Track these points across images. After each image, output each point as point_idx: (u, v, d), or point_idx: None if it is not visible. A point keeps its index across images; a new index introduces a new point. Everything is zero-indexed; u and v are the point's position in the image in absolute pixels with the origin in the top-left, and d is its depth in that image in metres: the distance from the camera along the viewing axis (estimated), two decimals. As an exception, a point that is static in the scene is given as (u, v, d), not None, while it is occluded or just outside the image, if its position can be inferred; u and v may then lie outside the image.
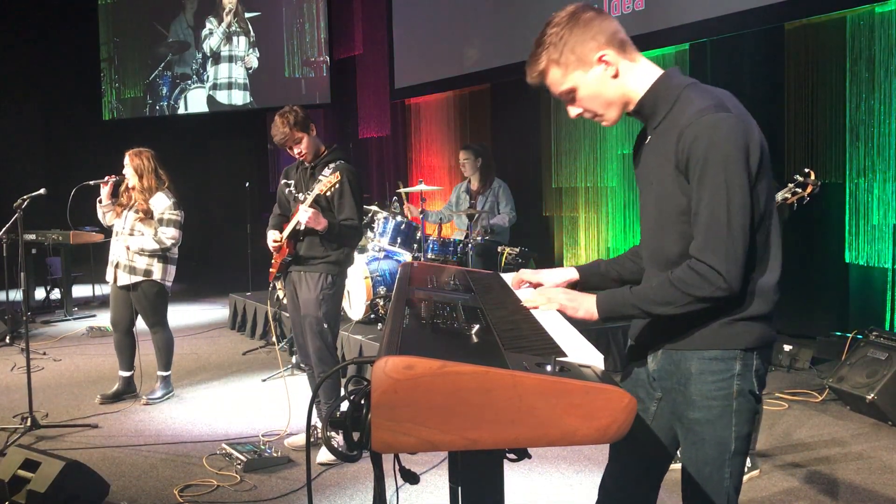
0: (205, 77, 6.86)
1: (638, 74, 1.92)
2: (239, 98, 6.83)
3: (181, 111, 7.14)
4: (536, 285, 2.24)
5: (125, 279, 5.08)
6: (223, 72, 6.82)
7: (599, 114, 1.95)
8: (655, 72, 1.94)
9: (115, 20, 7.33)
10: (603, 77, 1.89)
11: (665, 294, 1.80)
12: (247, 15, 6.37)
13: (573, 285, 2.21)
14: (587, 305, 1.92)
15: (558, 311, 1.98)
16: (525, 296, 2.09)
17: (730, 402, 1.86)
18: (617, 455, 2.11)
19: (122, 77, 7.34)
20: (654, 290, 1.83)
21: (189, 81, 7.05)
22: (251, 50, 6.53)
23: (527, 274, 2.28)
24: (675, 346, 1.91)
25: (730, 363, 1.86)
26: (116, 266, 5.11)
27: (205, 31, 6.85)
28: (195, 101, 6.88)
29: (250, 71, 6.61)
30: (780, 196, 3.45)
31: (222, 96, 6.82)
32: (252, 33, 6.39)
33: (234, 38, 6.62)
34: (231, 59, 6.75)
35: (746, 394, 1.88)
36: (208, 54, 6.93)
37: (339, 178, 3.98)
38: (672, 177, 1.84)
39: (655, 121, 1.92)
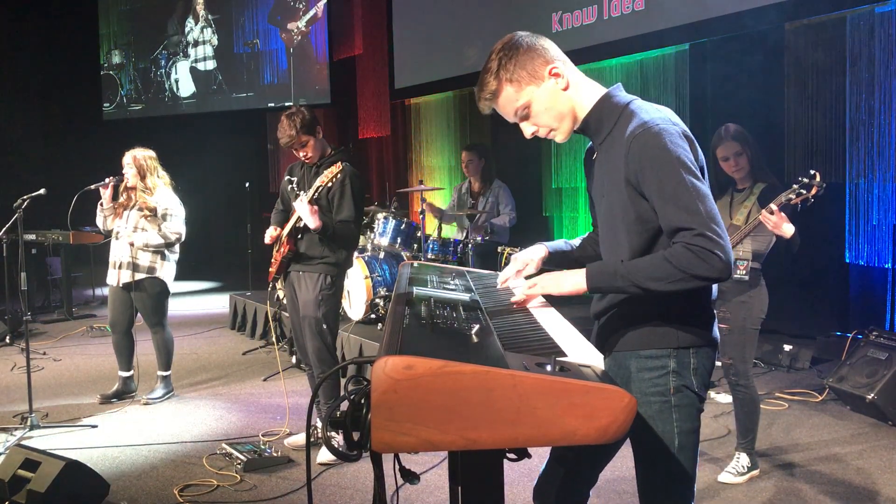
0: (188, 55, 10.82)
1: (584, 91, 2.00)
2: (210, 65, 10.78)
3: (173, 76, 10.95)
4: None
5: (127, 277, 5.07)
6: (200, 52, 10.77)
7: (553, 128, 2.02)
8: (599, 90, 2.02)
9: (134, 17, 11.27)
10: (555, 89, 1.97)
11: (660, 270, 1.82)
12: (210, 16, 10.68)
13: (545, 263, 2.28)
14: (574, 280, 1.97)
15: (545, 295, 2.04)
16: (517, 293, 2.14)
17: (668, 398, 1.94)
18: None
19: (137, 53, 11.30)
20: (649, 266, 1.86)
21: (177, 56, 10.94)
22: (213, 34, 10.56)
23: (505, 272, 2.32)
24: (618, 348, 2.00)
25: (664, 360, 1.94)
26: (119, 267, 5.10)
27: (187, 29, 10.80)
28: (182, 70, 10.89)
29: (214, 47, 10.68)
30: (784, 197, 3.45)
31: (200, 66, 10.79)
32: (213, 25, 10.57)
33: (205, 30, 10.59)
34: (203, 42, 10.69)
35: (685, 390, 1.95)
36: (190, 42, 10.81)
37: (340, 167, 3.98)
38: (621, 189, 1.91)
39: (601, 137, 2.00)
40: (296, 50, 10.40)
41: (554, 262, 2.27)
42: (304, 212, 3.93)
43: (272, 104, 10.83)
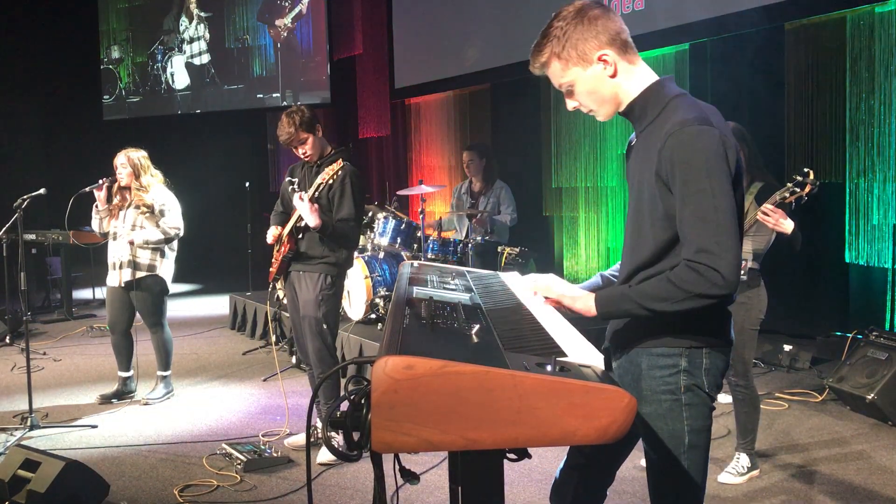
0: (183, 50, 11.70)
1: (634, 77, 1.99)
2: (204, 59, 11.62)
3: (169, 70, 11.80)
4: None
5: (128, 275, 5.06)
6: (195, 47, 11.63)
7: (593, 109, 2.03)
8: (650, 77, 2.00)
9: (132, 15, 12.09)
10: (601, 75, 1.96)
11: (663, 290, 1.84)
12: (203, 14, 11.55)
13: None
14: (586, 300, 1.98)
15: (556, 305, 2.05)
16: (527, 284, 2.14)
17: (678, 397, 1.94)
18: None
19: (135, 48, 12.05)
20: (653, 287, 1.87)
21: (173, 51, 11.80)
22: (206, 30, 11.49)
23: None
24: (630, 346, 2.00)
25: (675, 359, 1.93)
26: (120, 266, 5.09)
27: (182, 27, 11.70)
28: (178, 64, 11.73)
29: (208, 42, 11.57)
30: (778, 196, 3.45)
31: (195, 60, 11.63)
32: (206, 22, 11.50)
33: (198, 27, 11.52)
34: (197, 38, 11.60)
35: (695, 389, 1.94)
36: (185, 38, 11.67)
37: (341, 165, 3.99)
38: (652, 182, 1.91)
39: (642, 125, 1.99)
40: (282, 45, 11.19)
41: None
42: (305, 210, 3.94)
43: (261, 94, 11.36)
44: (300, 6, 11.14)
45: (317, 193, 4.03)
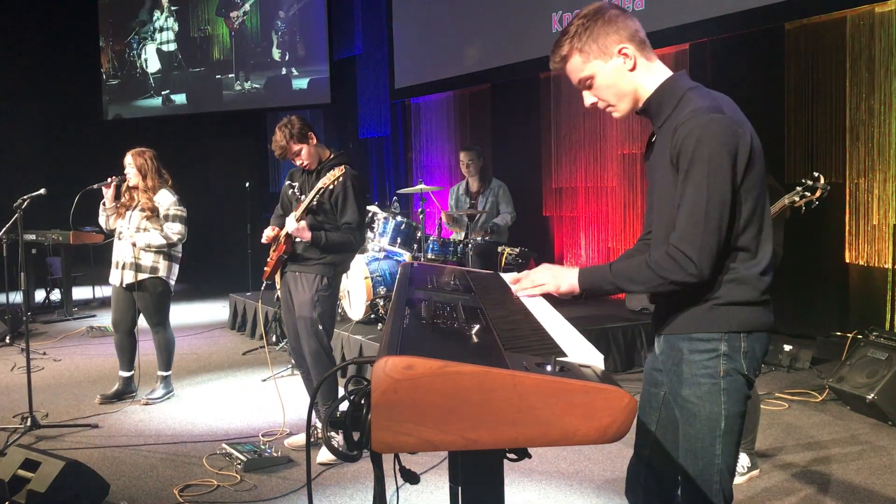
0: (155, 38, 13.02)
1: (651, 73, 2.05)
2: (172, 46, 12.90)
3: (143, 56, 13.11)
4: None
5: (130, 277, 5.06)
6: (164, 36, 12.95)
7: (612, 104, 2.08)
8: (665, 73, 2.06)
9: (111, 8, 13.32)
10: (621, 69, 2.02)
11: (640, 274, 1.95)
12: (172, 7, 12.81)
13: (576, 297, 2.33)
14: (570, 280, 2.07)
15: (544, 293, 2.13)
16: (513, 286, 2.20)
17: (717, 381, 1.98)
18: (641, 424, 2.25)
19: (116, 38, 13.27)
20: (632, 269, 1.97)
21: (146, 40, 13.12)
22: (175, 22, 12.83)
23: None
24: (670, 331, 2.05)
25: (715, 344, 1.98)
26: (122, 267, 5.10)
27: (154, 18, 13.02)
28: (150, 51, 13.02)
29: (175, 32, 12.85)
30: (787, 199, 3.44)
31: (164, 47, 12.89)
32: (175, 14, 12.86)
33: (168, 19, 12.93)
34: (167, 28, 12.96)
35: (735, 374, 1.98)
36: (156, 28, 13.01)
37: (342, 170, 4.00)
38: (670, 172, 1.97)
39: (660, 120, 2.04)
40: (236, 33, 12.49)
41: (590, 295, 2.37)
42: (291, 229, 3.99)
43: (219, 76, 12.43)
44: (248, 2, 12.52)
45: (316, 198, 4.04)
